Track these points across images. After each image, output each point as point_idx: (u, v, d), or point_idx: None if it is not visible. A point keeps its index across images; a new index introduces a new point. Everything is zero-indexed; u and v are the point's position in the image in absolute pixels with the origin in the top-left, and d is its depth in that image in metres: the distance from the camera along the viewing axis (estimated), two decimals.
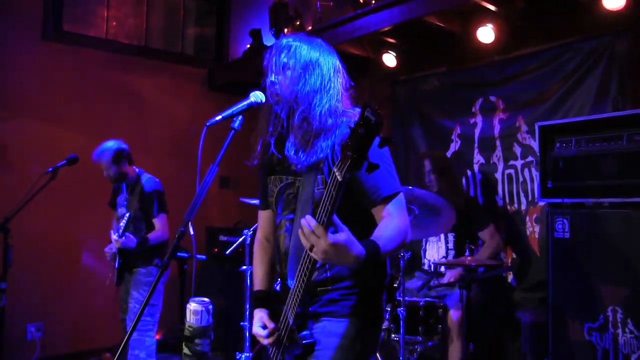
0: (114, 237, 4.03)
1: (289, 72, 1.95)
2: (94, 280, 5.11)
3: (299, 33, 2.08)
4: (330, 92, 1.94)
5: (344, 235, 1.58)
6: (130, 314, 4.24)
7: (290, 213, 2.01)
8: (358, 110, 1.90)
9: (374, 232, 1.78)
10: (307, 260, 1.71)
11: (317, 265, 1.88)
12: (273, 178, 2.09)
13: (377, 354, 3.83)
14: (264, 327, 1.99)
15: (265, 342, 1.98)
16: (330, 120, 1.90)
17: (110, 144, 4.27)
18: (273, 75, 1.97)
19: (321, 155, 1.88)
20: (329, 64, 1.99)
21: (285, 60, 1.96)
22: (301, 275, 1.75)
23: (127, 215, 4.07)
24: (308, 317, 1.92)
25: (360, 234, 1.65)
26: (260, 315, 2.04)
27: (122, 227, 4.01)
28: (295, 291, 1.80)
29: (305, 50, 1.96)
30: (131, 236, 4.05)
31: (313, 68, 1.94)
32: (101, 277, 4.44)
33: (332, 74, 1.97)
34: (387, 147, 1.91)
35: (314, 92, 1.92)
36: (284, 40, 2.00)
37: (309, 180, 1.92)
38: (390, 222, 1.81)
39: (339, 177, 1.52)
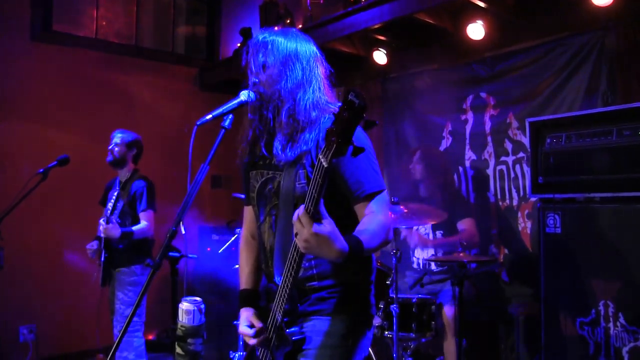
0: (101, 221, 4.02)
1: (269, 71, 1.92)
2: (85, 281, 5.07)
3: (281, 28, 2.04)
4: (313, 83, 1.92)
5: (328, 227, 1.56)
6: (117, 315, 4.23)
7: (273, 209, 1.98)
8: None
9: (356, 228, 1.76)
10: (295, 253, 1.69)
11: (303, 264, 1.87)
12: (254, 173, 2.06)
13: (371, 351, 3.84)
14: (251, 326, 1.96)
15: (252, 341, 1.95)
16: (314, 113, 1.88)
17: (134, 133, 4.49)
18: (254, 76, 1.95)
19: (304, 148, 1.85)
20: (308, 54, 1.96)
21: (263, 59, 1.94)
22: (289, 269, 1.73)
23: (116, 193, 4.12)
24: (298, 316, 1.91)
25: (342, 230, 1.63)
26: (246, 315, 2.02)
27: (109, 209, 4.05)
28: (283, 287, 1.78)
29: (282, 44, 1.93)
30: (117, 225, 4.05)
31: (293, 62, 1.91)
32: (92, 278, 4.41)
33: (312, 64, 1.95)
34: (370, 142, 1.91)
35: (297, 87, 1.90)
36: (260, 37, 1.97)
37: (290, 175, 1.89)
38: (374, 218, 1.79)
39: (324, 163, 1.49)
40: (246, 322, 1.99)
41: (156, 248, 4.38)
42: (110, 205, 4.10)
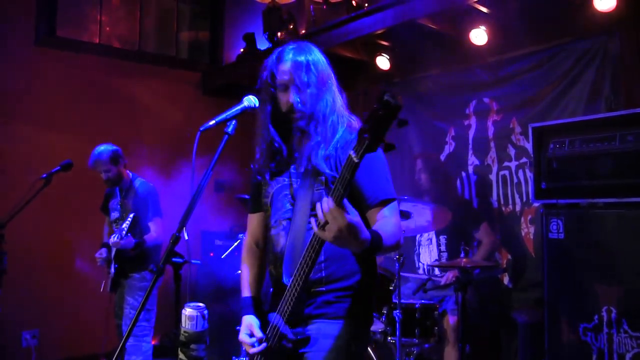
0: (114, 238, 4.01)
1: (309, 90, 1.98)
2: (89, 286, 5.07)
3: (305, 43, 2.08)
4: (337, 101, 2.03)
5: (356, 217, 1.62)
6: (125, 319, 4.24)
7: (287, 212, 2.02)
8: (354, 117, 2.02)
9: (373, 227, 1.83)
10: (316, 245, 1.73)
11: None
12: (269, 179, 2.10)
13: (374, 356, 3.84)
14: (251, 335, 2.00)
15: (251, 350, 1.98)
16: (337, 127, 1.99)
17: (105, 146, 4.30)
18: (296, 95, 1.98)
19: (322, 154, 1.94)
20: (332, 75, 2.06)
21: (305, 79, 1.98)
22: (303, 267, 1.77)
23: (132, 215, 4.08)
24: (302, 319, 1.94)
25: None
26: (248, 322, 2.05)
27: (125, 229, 4.00)
28: (293, 287, 1.82)
29: (322, 66, 2.03)
30: (130, 237, 4.05)
31: (329, 85, 2.02)
32: (95, 283, 4.41)
33: (334, 81, 2.06)
34: (383, 154, 1.97)
35: (327, 106, 1.99)
36: (302, 58, 2.00)
37: (306, 181, 1.96)
38: (388, 221, 1.87)
39: (355, 159, 1.56)
40: (247, 330, 2.03)
41: (162, 253, 4.40)
42: (126, 224, 4.05)
